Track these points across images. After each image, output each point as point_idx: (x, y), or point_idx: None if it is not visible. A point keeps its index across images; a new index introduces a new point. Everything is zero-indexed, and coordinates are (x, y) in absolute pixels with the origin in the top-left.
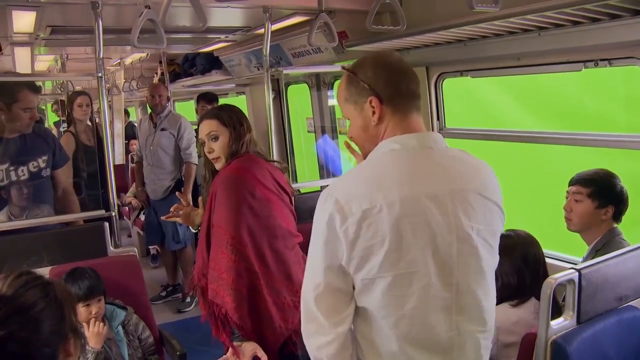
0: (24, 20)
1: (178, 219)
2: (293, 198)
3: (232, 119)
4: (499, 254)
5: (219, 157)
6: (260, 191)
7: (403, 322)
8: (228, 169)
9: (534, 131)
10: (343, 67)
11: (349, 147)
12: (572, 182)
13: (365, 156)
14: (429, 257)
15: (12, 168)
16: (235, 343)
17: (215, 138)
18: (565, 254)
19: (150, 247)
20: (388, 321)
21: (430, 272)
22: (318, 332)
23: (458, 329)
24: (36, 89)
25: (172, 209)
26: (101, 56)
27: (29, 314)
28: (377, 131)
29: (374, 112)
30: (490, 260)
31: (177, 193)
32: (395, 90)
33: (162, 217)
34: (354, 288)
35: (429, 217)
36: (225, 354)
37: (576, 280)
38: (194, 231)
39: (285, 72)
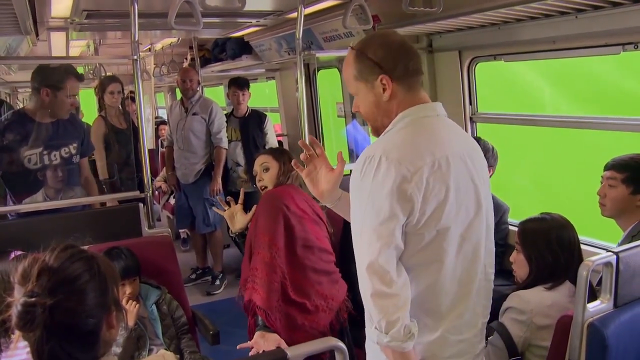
0: (61, 5)
1: (223, 214)
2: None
3: (283, 156)
4: (534, 237)
5: (267, 187)
6: (294, 206)
7: (458, 268)
8: (269, 191)
9: (567, 116)
10: (351, 47)
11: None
12: (607, 167)
13: (376, 130)
14: (470, 206)
15: (45, 152)
16: (258, 332)
17: (267, 169)
18: (601, 240)
19: (180, 230)
20: (446, 270)
21: (472, 219)
22: (391, 293)
23: (485, 273)
24: (80, 77)
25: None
26: (136, 39)
27: (75, 285)
28: (389, 106)
29: (384, 90)
30: (491, 212)
31: (228, 198)
32: (404, 68)
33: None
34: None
35: (462, 172)
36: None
37: (614, 263)
38: (230, 235)
39: (317, 55)
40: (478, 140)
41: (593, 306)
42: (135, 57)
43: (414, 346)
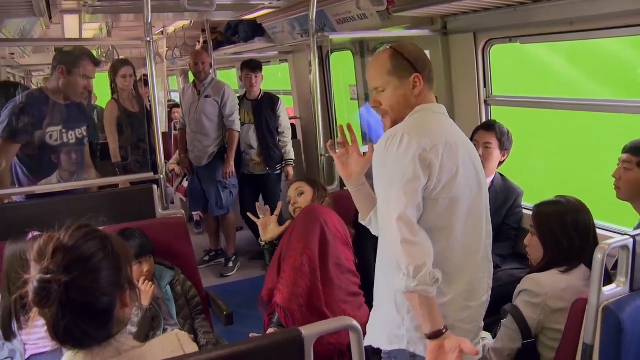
0: None
1: (257, 222)
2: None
3: (316, 183)
4: (549, 220)
5: (300, 208)
6: (332, 224)
7: (465, 238)
8: (310, 205)
9: (582, 99)
10: (391, 47)
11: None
12: (624, 151)
13: (394, 122)
14: (474, 185)
15: (64, 131)
16: (272, 328)
17: (301, 194)
18: (617, 225)
19: (193, 213)
20: (455, 237)
21: (475, 196)
22: (417, 241)
23: (486, 252)
24: (95, 61)
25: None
26: (149, 21)
27: (89, 263)
28: (415, 101)
29: (414, 87)
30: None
31: (266, 206)
32: (428, 72)
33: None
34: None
35: (466, 156)
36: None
37: (630, 246)
38: (261, 243)
39: (331, 37)
40: (494, 123)
41: (609, 289)
42: (148, 38)
43: None
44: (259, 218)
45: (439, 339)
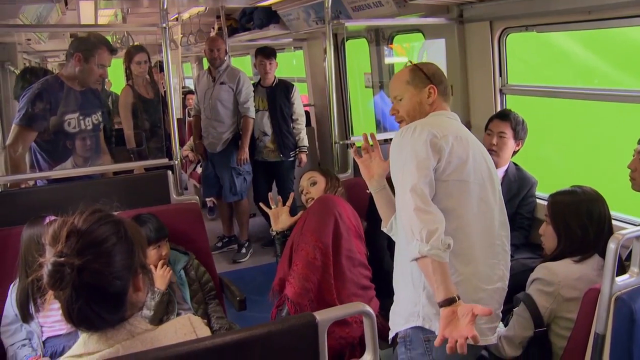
0: None
1: (269, 212)
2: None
3: (329, 173)
4: (564, 209)
5: (313, 198)
6: (346, 216)
7: (478, 223)
8: (325, 195)
9: (598, 88)
10: (411, 62)
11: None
12: (639, 142)
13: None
14: (484, 171)
15: (81, 117)
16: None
17: (314, 183)
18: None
19: (207, 199)
20: (468, 219)
21: (485, 182)
22: (429, 210)
23: (502, 244)
24: (112, 50)
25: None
26: (165, 7)
27: (102, 247)
28: (430, 109)
29: (429, 96)
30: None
31: (278, 197)
32: (444, 87)
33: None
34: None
35: (477, 148)
36: None
37: None
38: (272, 233)
39: (347, 24)
40: (508, 112)
41: (622, 280)
42: (164, 25)
43: None
44: (271, 208)
45: (452, 305)
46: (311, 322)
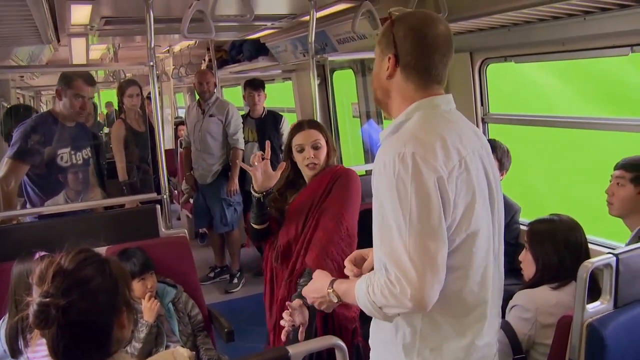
0: (80, 13)
1: (254, 172)
2: None
3: (327, 132)
4: (542, 237)
5: (317, 164)
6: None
7: (480, 269)
8: (352, 170)
9: (578, 117)
10: (390, 13)
11: None
12: (617, 167)
13: (378, 102)
14: (487, 209)
15: (72, 152)
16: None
17: (318, 147)
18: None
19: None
20: (473, 273)
21: (489, 223)
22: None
23: (499, 272)
24: (90, 81)
25: (252, 159)
26: (152, 46)
27: (88, 287)
28: (388, 85)
29: (387, 68)
30: (502, 211)
31: (259, 152)
32: (417, 62)
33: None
34: None
35: (480, 170)
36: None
37: (614, 264)
38: (256, 194)
39: (330, 58)
40: (493, 142)
41: (593, 307)
42: (151, 63)
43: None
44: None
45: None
46: (284, 356)
